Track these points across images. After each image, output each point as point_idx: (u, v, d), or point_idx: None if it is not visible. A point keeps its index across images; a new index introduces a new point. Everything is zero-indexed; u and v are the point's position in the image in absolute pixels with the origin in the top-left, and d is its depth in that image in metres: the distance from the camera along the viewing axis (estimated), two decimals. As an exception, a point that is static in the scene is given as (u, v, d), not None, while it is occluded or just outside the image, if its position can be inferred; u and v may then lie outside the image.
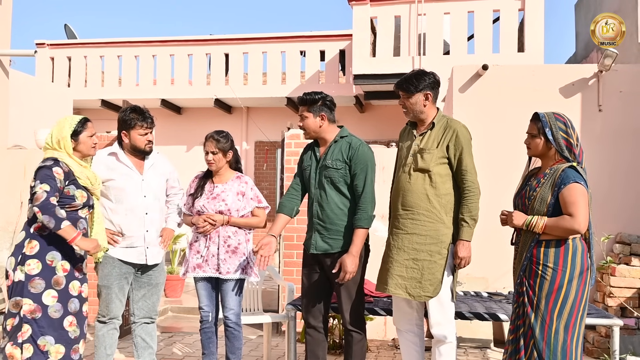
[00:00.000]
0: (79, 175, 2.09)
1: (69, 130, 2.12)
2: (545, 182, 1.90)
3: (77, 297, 2.08)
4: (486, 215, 3.59)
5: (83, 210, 2.11)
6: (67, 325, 2.03)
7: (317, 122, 2.27)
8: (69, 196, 2.06)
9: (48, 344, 1.97)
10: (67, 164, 2.08)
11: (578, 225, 1.82)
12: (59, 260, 2.03)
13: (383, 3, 6.30)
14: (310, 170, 2.31)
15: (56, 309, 2.00)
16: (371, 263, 2.34)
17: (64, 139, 2.11)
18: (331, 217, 2.22)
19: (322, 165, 2.27)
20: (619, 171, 3.72)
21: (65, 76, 8.12)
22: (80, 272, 2.11)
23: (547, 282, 1.86)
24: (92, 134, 2.17)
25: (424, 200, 2.11)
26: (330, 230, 2.23)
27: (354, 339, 2.22)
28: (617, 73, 3.76)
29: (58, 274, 2.03)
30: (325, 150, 2.29)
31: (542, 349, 1.85)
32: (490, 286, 3.65)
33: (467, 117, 3.84)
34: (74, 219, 2.07)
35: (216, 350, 2.52)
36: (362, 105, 7.77)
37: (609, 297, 3.40)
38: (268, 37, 7.67)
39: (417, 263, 2.11)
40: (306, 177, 2.33)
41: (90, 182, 2.13)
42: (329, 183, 2.24)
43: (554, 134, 1.91)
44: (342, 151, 2.25)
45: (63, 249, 2.04)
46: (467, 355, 3.38)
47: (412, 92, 2.17)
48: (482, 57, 5.48)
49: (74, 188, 2.07)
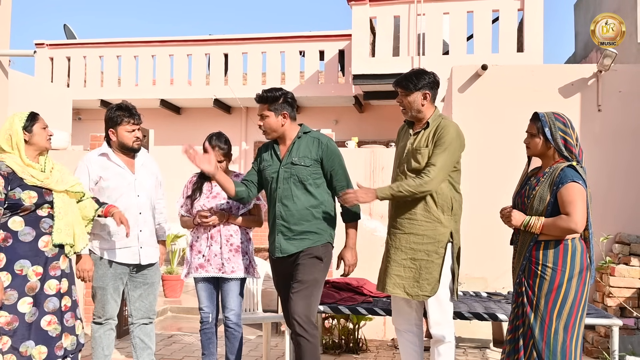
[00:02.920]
0: (22, 176, 1.98)
1: (19, 123, 2.02)
2: (545, 181, 1.90)
3: (56, 295, 2.02)
4: (485, 215, 3.60)
5: (42, 210, 2.01)
6: (46, 325, 1.98)
7: (279, 121, 2.16)
8: (16, 200, 1.96)
9: (29, 348, 1.94)
10: (8, 165, 1.98)
11: (575, 224, 1.82)
12: (29, 267, 1.97)
13: (382, 3, 6.30)
14: (270, 170, 2.19)
15: (32, 314, 1.96)
16: (371, 263, 2.34)
17: (15, 132, 2.00)
18: (297, 216, 2.12)
19: (287, 164, 2.15)
20: (618, 171, 3.72)
21: (64, 76, 8.11)
22: (57, 269, 2.05)
23: (547, 282, 1.86)
24: (44, 126, 2.08)
25: (421, 200, 2.11)
26: (295, 231, 2.13)
27: (302, 347, 2.03)
28: (616, 73, 3.76)
29: (31, 280, 1.97)
30: (289, 148, 2.17)
31: (541, 349, 1.84)
32: (489, 286, 3.65)
33: (466, 117, 3.85)
34: (34, 222, 1.98)
35: (216, 350, 2.51)
36: (361, 105, 7.77)
37: (608, 297, 3.40)
38: (267, 37, 7.67)
39: (415, 263, 2.11)
40: (266, 177, 2.21)
41: (38, 179, 2.01)
42: (296, 181, 2.13)
43: (553, 133, 1.91)
44: (310, 148, 2.15)
45: (31, 255, 1.97)
46: (467, 355, 3.38)
47: (410, 90, 2.15)
48: (481, 57, 5.48)
49: (20, 190, 1.97)
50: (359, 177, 3.92)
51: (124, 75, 8.04)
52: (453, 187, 2.15)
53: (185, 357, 3.32)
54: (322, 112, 8.00)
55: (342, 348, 3.41)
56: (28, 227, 1.99)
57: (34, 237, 2.00)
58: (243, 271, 2.45)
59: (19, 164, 2.01)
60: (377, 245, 2.46)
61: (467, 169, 3.78)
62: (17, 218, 1.98)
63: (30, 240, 1.99)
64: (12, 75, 5.06)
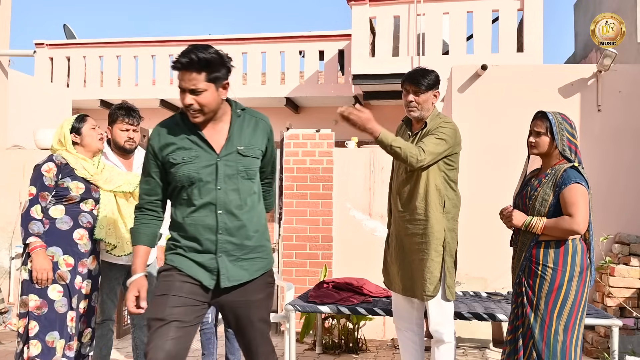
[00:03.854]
0: (74, 166, 2.07)
1: (67, 126, 2.12)
2: (547, 182, 1.90)
3: (78, 292, 2.07)
4: (484, 215, 3.60)
5: (86, 204, 2.07)
6: (69, 320, 2.02)
7: (219, 96, 1.51)
8: (63, 188, 2.04)
9: (56, 339, 1.97)
10: (63, 156, 2.08)
11: (577, 225, 1.82)
12: (60, 255, 2.02)
13: (382, 3, 6.30)
14: (198, 164, 1.50)
15: (62, 304, 2.00)
16: (371, 263, 2.34)
17: (63, 135, 2.11)
18: (248, 227, 1.52)
19: (228, 154, 1.52)
20: (618, 171, 3.71)
21: (64, 76, 8.11)
22: (85, 267, 2.09)
23: (547, 282, 1.86)
24: (94, 126, 2.16)
25: (420, 200, 2.11)
26: (248, 248, 1.53)
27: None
28: (616, 73, 3.76)
29: (62, 269, 2.02)
30: (229, 132, 1.53)
31: (541, 350, 1.84)
32: (489, 286, 3.64)
33: (466, 117, 3.85)
34: (75, 213, 2.05)
35: (216, 350, 2.51)
36: (361, 105, 7.76)
37: (608, 297, 3.40)
38: (267, 37, 7.66)
39: (415, 263, 2.12)
40: (187, 176, 1.50)
41: (89, 173, 2.09)
42: (244, 178, 1.53)
43: (560, 133, 1.91)
44: (257, 131, 1.57)
45: (64, 243, 2.03)
46: (466, 355, 3.38)
47: (426, 89, 2.12)
48: (481, 57, 5.48)
49: (69, 180, 2.05)
50: (359, 177, 3.92)
51: (124, 75, 8.04)
52: (449, 186, 2.15)
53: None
54: (322, 112, 7.99)
55: (342, 348, 3.40)
56: (67, 216, 2.06)
57: (70, 227, 2.06)
58: None
59: (74, 155, 2.09)
60: (377, 245, 2.46)
61: (466, 169, 3.79)
62: (59, 206, 2.04)
63: (66, 229, 2.05)
64: (12, 75, 5.06)
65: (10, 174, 4.18)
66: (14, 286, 4.14)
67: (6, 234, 4.29)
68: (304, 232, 3.84)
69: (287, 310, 2.63)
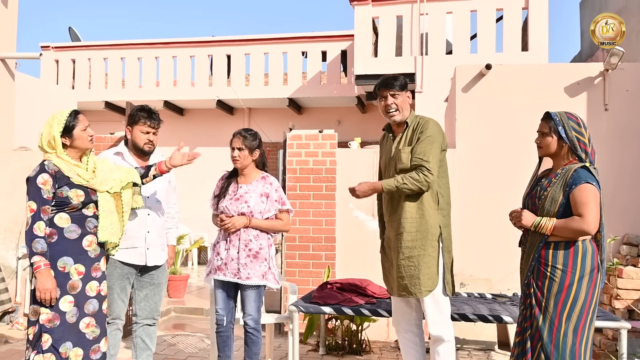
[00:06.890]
0: (68, 174, 2.02)
1: (57, 128, 2.02)
2: (557, 182, 1.87)
3: (96, 297, 2.05)
4: (490, 216, 3.56)
5: (88, 209, 2.05)
6: (84, 327, 2.00)
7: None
8: (63, 197, 2.00)
9: (68, 349, 1.96)
10: (55, 163, 2.01)
11: (587, 226, 1.79)
12: (71, 265, 1.99)
13: (385, 3, 6.28)
14: None
15: (73, 314, 1.98)
16: (374, 264, 2.32)
17: (53, 138, 2.02)
18: None
19: None
20: (626, 171, 3.67)
21: (69, 78, 8.16)
22: (98, 271, 2.08)
23: (556, 284, 1.83)
24: (85, 127, 2.08)
25: (411, 199, 2.13)
26: None
27: None
28: (623, 72, 3.71)
29: (73, 279, 1.99)
30: None
31: (550, 352, 1.81)
32: (494, 287, 3.61)
33: (470, 117, 3.81)
34: (81, 220, 2.03)
35: (232, 353, 2.47)
36: (364, 106, 7.74)
37: (616, 300, 3.35)
38: (270, 38, 7.67)
39: (412, 260, 2.12)
40: None
41: (84, 179, 2.05)
42: None
43: (567, 132, 1.88)
44: None
45: (74, 252, 2.00)
46: (471, 357, 3.34)
47: (399, 89, 2.21)
48: (485, 57, 5.44)
49: (67, 189, 2.01)
50: (361, 178, 3.89)
51: (128, 77, 8.07)
52: (441, 182, 2.16)
53: (189, 358, 3.31)
54: (325, 113, 7.98)
55: (346, 349, 3.38)
56: (74, 224, 2.02)
57: (79, 235, 2.03)
58: (259, 278, 2.39)
59: (66, 162, 2.03)
60: (376, 245, 2.44)
61: (471, 169, 3.76)
62: (63, 215, 2.00)
63: (75, 238, 2.02)
64: (19, 78, 5.10)
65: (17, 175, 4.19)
66: (21, 286, 4.15)
67: (13, 235, 4.31)
68: (307, 233, 3.82)
69: (291, 311, 2.61)
